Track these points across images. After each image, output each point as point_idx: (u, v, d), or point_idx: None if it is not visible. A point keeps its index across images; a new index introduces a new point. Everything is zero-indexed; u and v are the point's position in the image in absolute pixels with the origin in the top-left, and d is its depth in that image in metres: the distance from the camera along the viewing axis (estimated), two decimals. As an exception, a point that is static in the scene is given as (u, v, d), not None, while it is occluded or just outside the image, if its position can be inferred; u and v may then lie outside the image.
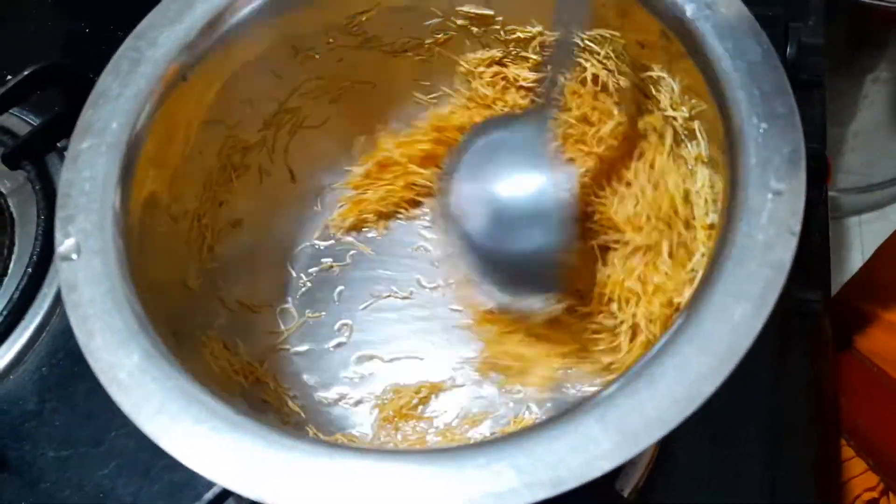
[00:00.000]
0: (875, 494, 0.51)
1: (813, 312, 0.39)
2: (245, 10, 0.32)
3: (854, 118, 0.81)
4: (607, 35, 0.33)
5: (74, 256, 0.26)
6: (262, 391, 0.33)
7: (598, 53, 0.34)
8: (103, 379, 0.24)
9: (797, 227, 0.24)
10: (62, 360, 0.41)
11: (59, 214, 0.27)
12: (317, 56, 0.36)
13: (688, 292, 0.28)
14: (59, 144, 0.44)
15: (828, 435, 0.38)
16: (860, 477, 0.51)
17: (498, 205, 0.30)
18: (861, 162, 0.88)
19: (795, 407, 0.37)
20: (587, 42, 0.34)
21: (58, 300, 0.41)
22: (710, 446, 0.36)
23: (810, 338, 0.39)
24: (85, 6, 0.53)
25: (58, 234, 0.27)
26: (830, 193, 0.92)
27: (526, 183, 0.30)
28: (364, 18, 0.35)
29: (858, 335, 0.54)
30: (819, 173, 0.41)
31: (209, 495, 0.34)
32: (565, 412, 0.23)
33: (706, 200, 0.29)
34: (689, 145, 0.30)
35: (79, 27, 0.51)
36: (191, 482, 0.37)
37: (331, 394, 0.36)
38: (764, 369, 0.38)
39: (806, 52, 0.41)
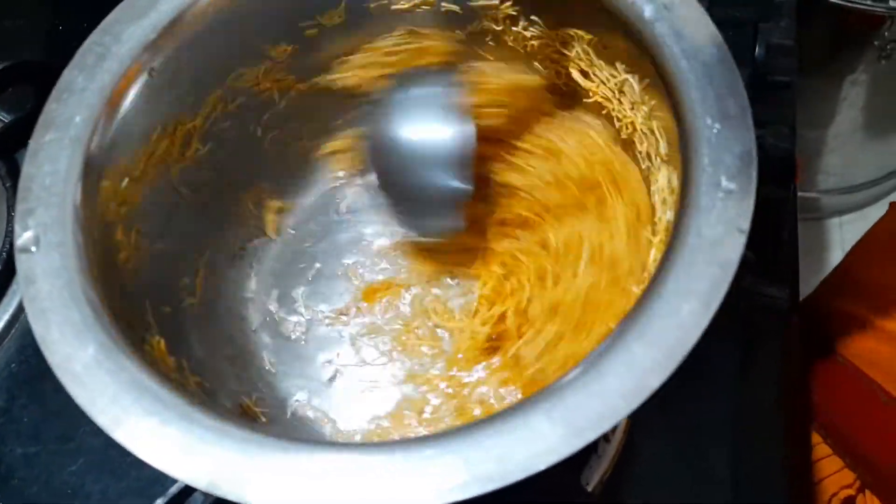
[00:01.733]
0: (851, 492, 0.51)
1: (780, 309, 0.39)
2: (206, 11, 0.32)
3: (833, 120, 0.82)
4: (573, 34, 0.33)
5: (33, 249, 0.26)
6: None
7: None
8: (58, 371, 0.24)
9: (746, 226, 0.24)
10: (31, 356, 0.41)
11: (19, 207, 0.27)
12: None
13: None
14: (30, 142, 0.44)
15: (796, 431, 0.38)
16: (837, 475, 0.52)
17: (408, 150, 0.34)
18: (841, 163, 0.89)
19: (762, 403, 0.38)
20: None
21: (27, 297, 0.41)
22: (676, 441, 0.36)
23: (777, 335, 0.39)
24: (59, 4, 0.53)
25: (17, 227, 0.27)
26: (810, 195, 0.93)
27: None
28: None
29: (836, 335, 0.54)
30: (787, 172, 0.41)
31: (174, 489, 0.34)
32: (515, 406, 0.23)
33: (665, 200, 0.29)
34: (646, 143, 0.31)
35: (52, 24, 0.52)
36: (159, 479, 0.37)
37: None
38: (731, 366, 0.38)
39: (776, 53, 0.42)
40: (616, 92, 0.32)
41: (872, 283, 0.54)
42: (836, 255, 0.96)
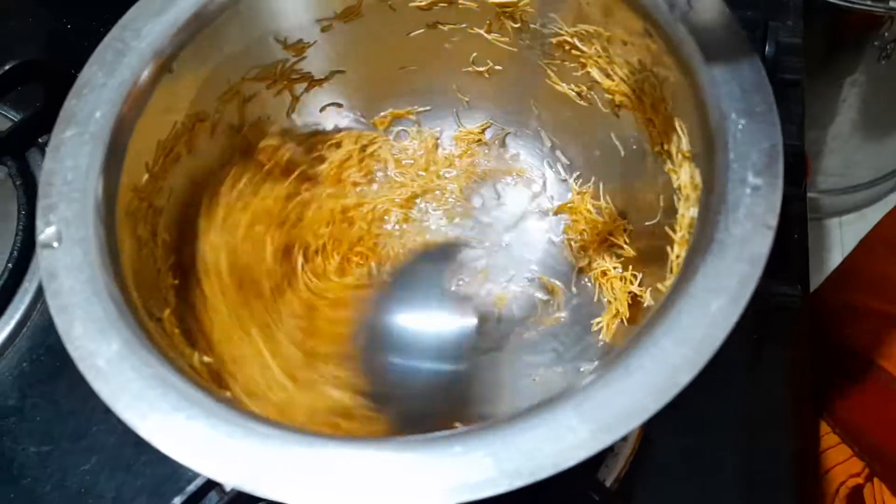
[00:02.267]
0: (860, 480, 0.51)
1: (792, 307, 0.39)
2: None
3: (833, 121, 0.82)
4: (591, 30, 0.33)
5: (55, 245, 0.26)
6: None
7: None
8: (82, 367, 0.24)
9: (773, 222, 0.24)
10: (43, 355, 0.40)
11: (41, 203, 0.27)
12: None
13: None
14: (39, 140, 0.44)
15: (806, 426, 0.38)
16: (845, 463, 0.52)
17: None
18: (840, 164, 0.89)
19: (773, 400, 0.38)
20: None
21: (39, 296, 0.41)
22: (690, 438, 0.36)
23: (789, 332, 0.39)
24: (66, 3, 0.53)
25: (39, 223, 0.27)
26: (810, 195, 0.93)
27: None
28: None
29: (845, 328, 0.54)
30: (798, 170, 0.41)
31: (192, 488, 0.34)
32: (543, 402, 0.23)
33: (687, 197, 0.29)
34: (669, 142, 0.30)
35: (60, 23, 0.51)
36: (173, 476, 0.37)
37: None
38: (743, 363, 0.38)
39: (784, 52, 0.42)
40: (637, 90, 0.32)
41: (881, 276, 0.54)
42: (836, 255, 0.96)
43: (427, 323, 0.38)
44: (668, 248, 0.30)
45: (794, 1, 0.47)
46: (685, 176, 0.29)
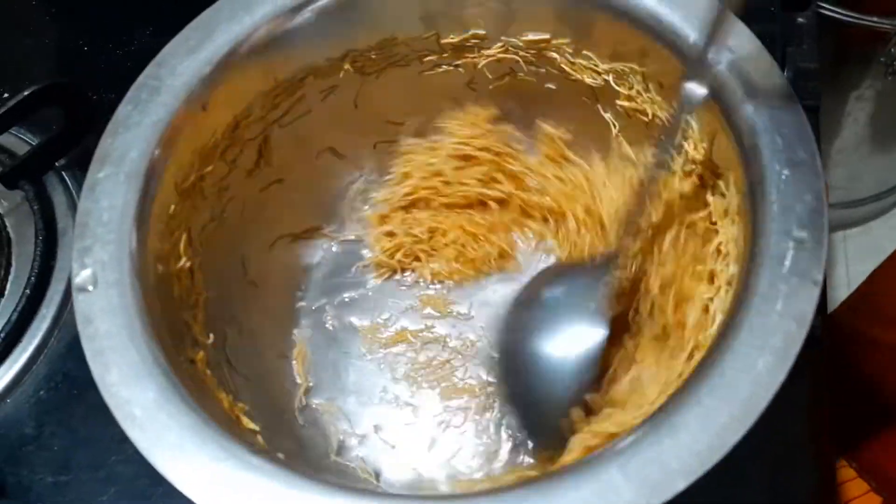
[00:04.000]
0: None
1: (813, 336, 0.39)
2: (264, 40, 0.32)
3: (838, 135, 0.82)
4: (627, 69, 0.33)
5: (90, 288, 0.26)
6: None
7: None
8: (118, 415, 0.24)
9: (819, 277, 0.24)
10: (60, 383, 0.40)
11: (77, 245, 0.27)
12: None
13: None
14: (57, 164, 0.44)
15: (825, 461, 0.38)
16: (861, 498, 0.52)
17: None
18: (845, 177, 0.89)
19: (794, 433, 0.37)
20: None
21: (56, 322, 0.41)
22: (710, 472, 0.36)
23: (809, 363, 0.39)
24: (83, 23, 0.52)
25: (75, 265, 0.26)
26: None
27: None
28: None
29: (860, 359, 0.54)
30: None
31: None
32: (587, 459, 0.23)
33: (728, 254, 0.28)
34: (713, 198, 0.30)
35: (76, 44, 0.51)
36: (191, 510, 0.36)
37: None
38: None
39: (802, 77, 0.41)
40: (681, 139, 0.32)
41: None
42: (840, 270, 0.96)
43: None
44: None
45: (808, 25, 0.46)
46: (727, 232, 0.28)
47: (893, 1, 0.66)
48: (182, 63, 0.31)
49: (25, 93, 0.40)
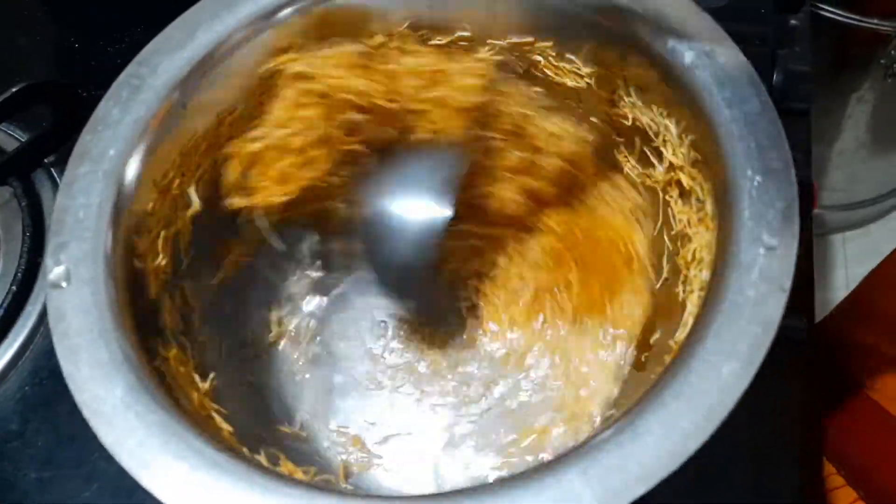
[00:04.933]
0: None
1: (797, 340, 0.38)
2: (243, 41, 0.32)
3: (838, 137, 0.82)
4: (607, 73, 0.33)
5: (64, 284, 0.26)
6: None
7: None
8: (86, 411, 0.24)
9: (788, 284, 0.24)
10: (45, 379, 0.40)
11: (52, 241, 0.27)
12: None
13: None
14: (46, 161, 0.44)
15: (811, 463, 0.37)
16: None
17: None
18: (845, 180, 0.89)
19: (779, 435, 0.37)
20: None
21: (42, 319, 0.41)
22: (694, 475, 0.36)
23: (795, 365, 0.38)
24: (74, 22, 0.53)
25: (48, 261, 0.26)
26: (815, 211, 0.93)
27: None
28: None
29: (852, 365, 0.54)
30: (805, 200, 0.40)
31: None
32: (548, 463, 0.23)
33: (701, 260, 0.29)
34: (685, 206, 0.30)
35: (68, 41, 0.51)
36: (173, 507, 0.37)
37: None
38: (747, 397, 0.37)
39: (793, 80, 0.41)
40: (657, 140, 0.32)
41: (888, 313, 0.53)
42: (839, 273, 0.95)
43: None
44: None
45: (801, 27, 0.46)
46: (699, 241, 0.28)
47: (894, 2, 0.66)
48: (164, 62, 0.31)
49: (13, 90, 0.40)
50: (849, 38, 0.69)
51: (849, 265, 0.96)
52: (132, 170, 0.29)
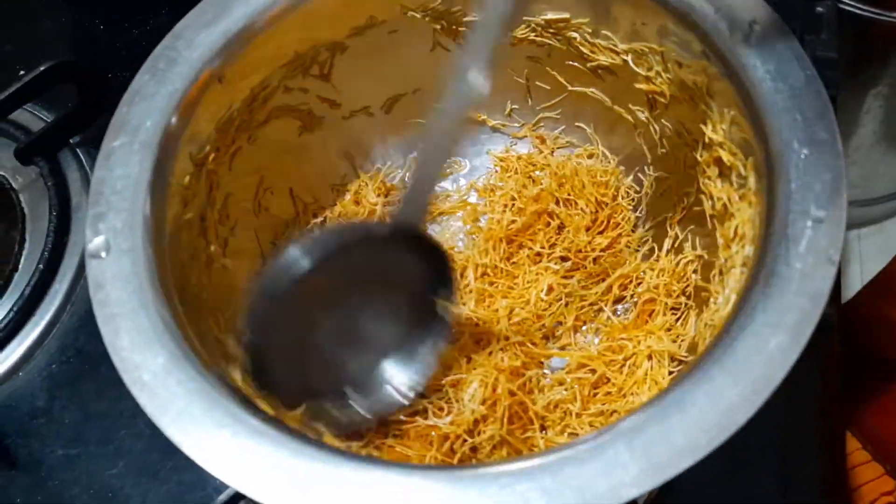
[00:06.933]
0: (892, 499, 0.51)
1: (826, 326, 0.38)
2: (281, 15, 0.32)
3: (856, 132, 0.81)
4: (646, 49, 0.33)
5: (103, 255, 0.26)
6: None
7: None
8: (127, 379, 0.24)
9: (836, 257, 0.24)
10: (72, 357, 0.40)
11: (91, 211, 0.27)
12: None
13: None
14: (71, 141, 0.44)
15: (837, 446, 0.37)
16: (876, 481, 0.51)
17: None
18: (861, 175, 0.88)
19: (806, 422, 0.37)
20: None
21: (69, 297, 0.41)
22: (722, 460, 0.35)
23: (822, 352, 0.38)
24: (99, 4, 0.53)
25: (88, 232, 0.26)
26: None
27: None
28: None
29: (881, 341, 0.53)
30: None
31: (222, 497, 0.33)
32: (595, 434, 0.22)
33: (743, 235, 0.28)
34: (733, 181, 0.30)
35: (93, 24, 0.51)
36: (199, 483, 0.36)
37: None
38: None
39: (821, 66, 0.41)
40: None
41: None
42: (854, 268, 0.95)
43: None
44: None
45: (827, 14, 0.45)
46: (744, 213, 0.28)
47: (915, -4, 0.65)
48: (199, 35, 0.31)
49: (39, 70, 0.40)
50: (868, 32, 0.68)
51: (864, 261, 0.95)
52: (168, 142, 0.29)
